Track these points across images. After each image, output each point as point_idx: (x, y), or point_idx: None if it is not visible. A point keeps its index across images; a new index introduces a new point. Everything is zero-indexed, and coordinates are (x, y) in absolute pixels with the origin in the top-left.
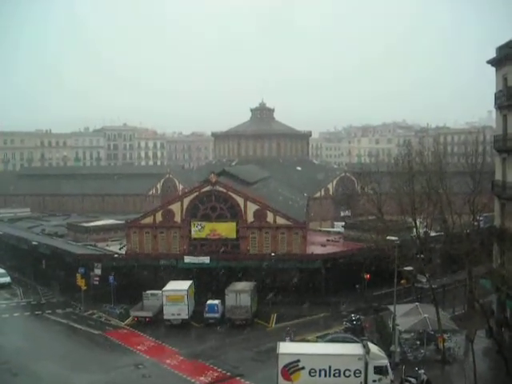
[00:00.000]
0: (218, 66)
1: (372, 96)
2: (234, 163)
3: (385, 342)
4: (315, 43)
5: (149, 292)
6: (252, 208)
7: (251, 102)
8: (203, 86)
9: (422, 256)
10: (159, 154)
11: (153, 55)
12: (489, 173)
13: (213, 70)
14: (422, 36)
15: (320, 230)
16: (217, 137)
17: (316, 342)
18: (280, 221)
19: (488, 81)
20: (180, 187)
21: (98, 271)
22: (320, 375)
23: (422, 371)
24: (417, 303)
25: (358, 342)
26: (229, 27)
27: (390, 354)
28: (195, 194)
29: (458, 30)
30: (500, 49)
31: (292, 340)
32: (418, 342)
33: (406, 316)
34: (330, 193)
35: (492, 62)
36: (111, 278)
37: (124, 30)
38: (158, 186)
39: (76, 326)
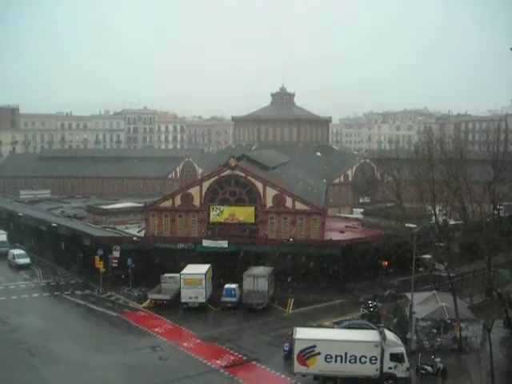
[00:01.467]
0: (239, 50)
1: (392, 80)
2: (253, 148)
3: (401, 330)
4: (332, 24)
5: (167, 275)
6: (271, 193)
7: (272, 86)
8: (223, 70)
9: (440, 244)
10: (179, 137)
11: (171, 40)
12: (510, 161)
13: (233, 55)
14: (441, 23)
15: (339, 216)
16: (237, 121)
17: (332, 327)
18: (299, 206)
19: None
20: (199, 171)
21: (116, 254)
22: (336, 361)
23: (438, 359)
24: (434, 291)
25: (374, 329)
26: (247, 10)
27: (406, 342)
28: (214, 178)
29: (480, 18)
30: None
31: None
32: (435, 331)
33: (423, 304)
34: (350, 179)
35: None
36: (129, 260)
37: (140, 12)
38: (178, 170)
39: (94, 307)
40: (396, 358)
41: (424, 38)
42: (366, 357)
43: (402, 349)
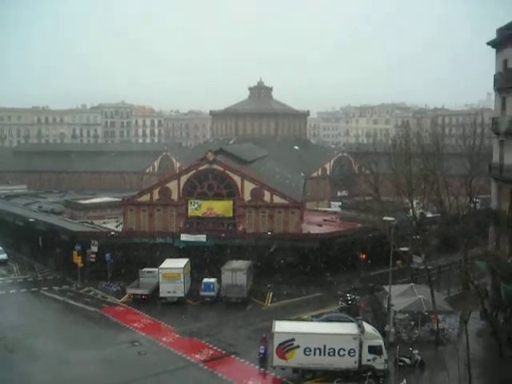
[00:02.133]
0: (216, 43)
1: (370, 75)
2: (231, 142)
3: (379, 322)
4: (314, 18)
5: (145, 270)
6: (249, 187)
7: (250, 80)
8: (201, 63)
9: (417, 237)
10: (156, 131)
11: (147, 34)
12: (486, 155)
13: (211, 48)
14: (421, 16)
15: (317, 210)
16: (215, 115)
17: (311, 321)
18: (277, 200)
19: (488, 62)
20: (177, 165)
21: (94, 248)
22: (315, 354)
23: (416, 351)
24: (412, 284)
25: (352, 322)
26: (228, 4)
27: (384, 334)
28: (192, 172)
29: (458, 12)
30: (500, 30)
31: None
32: (413, 323)
33: (401, 296)
34: (328, 173)
35: (492, 44)
36: (108, 255)
37: (115, 6)
38: (155, 164)
39: (72, 302)
40: (374, 350)
41: (407, 37)
42: (344, 349)
43: (380, 341)
